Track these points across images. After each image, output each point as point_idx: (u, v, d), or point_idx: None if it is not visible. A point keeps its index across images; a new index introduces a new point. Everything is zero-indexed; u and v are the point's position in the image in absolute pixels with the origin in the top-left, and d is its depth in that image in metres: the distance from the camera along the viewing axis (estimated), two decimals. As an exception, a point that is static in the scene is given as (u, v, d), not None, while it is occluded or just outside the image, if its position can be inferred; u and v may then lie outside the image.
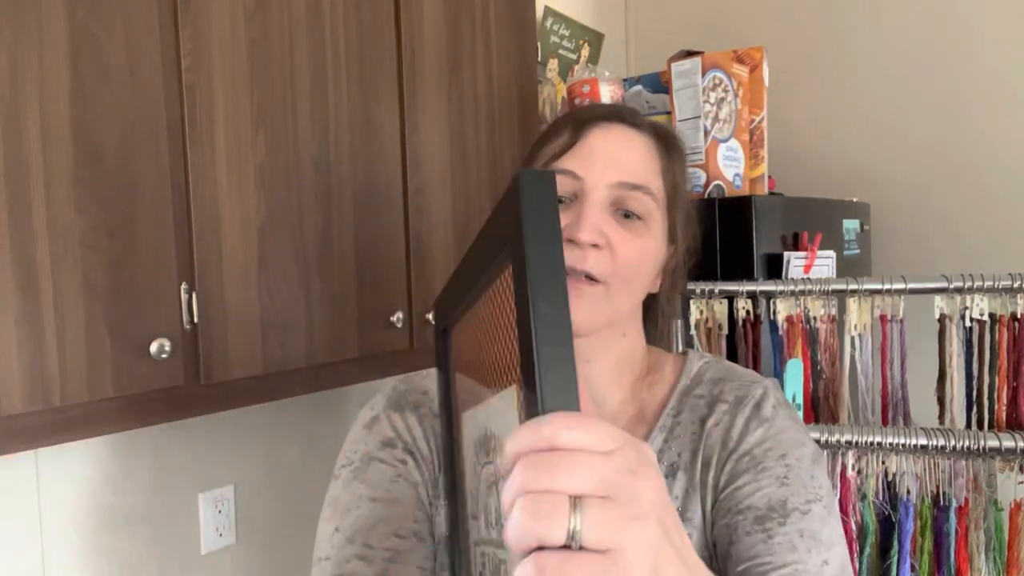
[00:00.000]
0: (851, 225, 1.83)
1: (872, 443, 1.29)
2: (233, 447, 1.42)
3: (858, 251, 1.85)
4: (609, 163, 0.79)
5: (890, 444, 1.28)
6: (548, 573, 0.37)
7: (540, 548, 0.38)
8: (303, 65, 1.12)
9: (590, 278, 0.76)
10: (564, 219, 0.77)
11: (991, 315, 1.30)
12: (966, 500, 1.27)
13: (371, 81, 1.23)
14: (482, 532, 0.60)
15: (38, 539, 1.17)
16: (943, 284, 1.31)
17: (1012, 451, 1.22)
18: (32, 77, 0.84)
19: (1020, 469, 1.24)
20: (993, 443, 1.23)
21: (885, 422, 1.39)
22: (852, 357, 1.38)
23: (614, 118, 0.83)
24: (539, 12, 1.94)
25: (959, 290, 1.30)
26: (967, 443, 1.24)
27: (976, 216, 1.91)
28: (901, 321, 1.38)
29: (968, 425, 1.33)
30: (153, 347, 0.93)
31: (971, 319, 1.31)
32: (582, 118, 0.83)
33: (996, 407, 1.30)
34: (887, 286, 1.33)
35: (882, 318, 1.38)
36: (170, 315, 0.96)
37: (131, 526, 1.28)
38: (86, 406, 0.89)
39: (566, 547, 0.38)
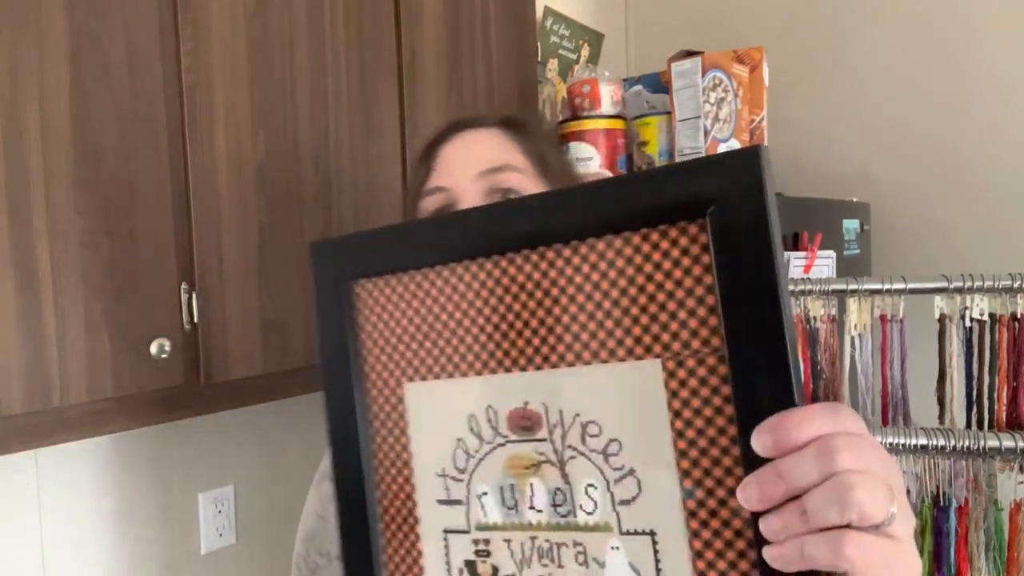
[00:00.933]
0: (851, 225, 1.82)
1: (872, 443, 1.28)
2: (233, 447, 1.42)
3: (858, 251, 1.85)
4: (465, 163, 0.82)
5: (890, 444, 1.28)
6: (865, 550, 0.40)
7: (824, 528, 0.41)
8: (303, 65, 1.12)
9: None
10: None
11: (991, 315, 1.30)
12: (966, 500, 1.27)
13: (371, 81, 1.23)
14: (488, 516, 0.55)
15: (38, 539, 1.17)
16: (943, 284, 1.31)
17: (1012, 451, 1.22)
18: (32, 77, 0.84)
19: (1020, 469, 1.24)
20: (993, 443, 1.23)
21: (885, 422, 1.39)
22: (852, 357, 1.38)
23: (458, 128, 0.86)
24: (539, 12, 1.93)
25: (959, 290, 1.30)
26: (967, 443, 1.24)
27: (976, 216, 1.91)
28: (901, 321, 1.38)
29: (968, 425, 1.32)
30: (153, 347, 0.93)
31: (971, 319, 1.31)
32: (431, 142, 0.86)
33: (996, 407, 1.30)
34: (887, 286, 1.33)
35: (882, 318, 1.38)
36: (170, 315, 0.96)
37: (131, 526, 1.28)
38: (86, 406, 0.89)
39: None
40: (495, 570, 0.54)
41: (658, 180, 0.48)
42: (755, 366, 0.44)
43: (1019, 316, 1.28)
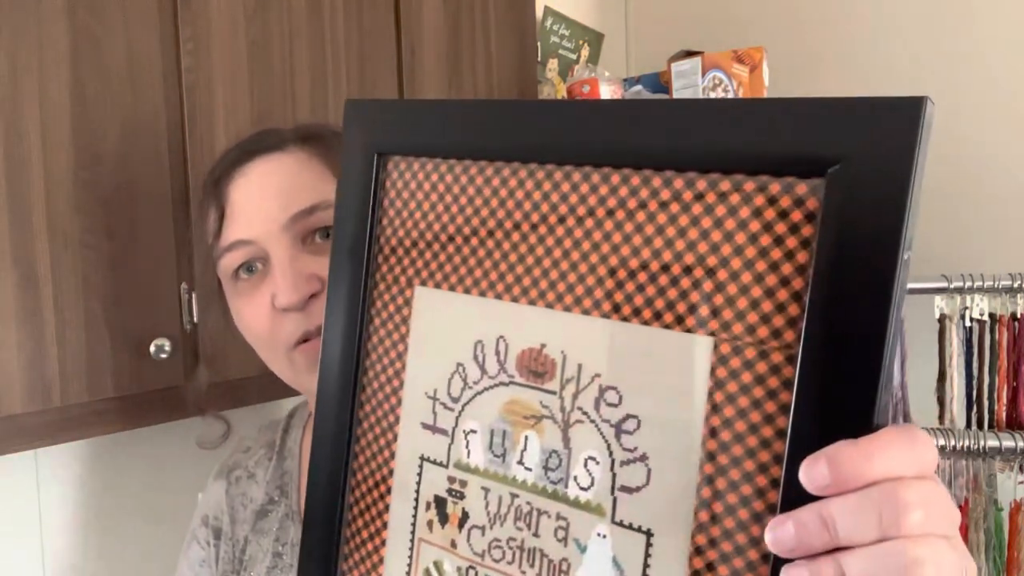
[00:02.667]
0: (851, 225, 1.82)
1: (872, 443, 1.28)
2: (233, 447, 1.42)
3: (858, 251, 1.85)
4: (268, 207, 0.70)
5: (890, 444, 1.28)
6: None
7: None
8: (303, 65, 1.12)
9: None
10: (267, 291, 0.70)
11: (991, 315, 1.30)
12: (966, 500, 1.27)
13: (371, 81, 1.23)
14: (472, 457, 0.49)
15: (38, 539, 1.17)
16: (943, 284, 1.31)
17: (1012, 451, 1.22)
18: (32, 77, 0.84)
19: (1020, 469, 1.24)
20: (993, 443, 1.23)
21: (885, 422, 1.39)
22: (852, 357, 1.38)
23: (250, 156, 0.73)
24: (539, 12, 1.94)
25: (959, 290, 1.30)
26: (967, 443, 1.24)
27: (976, 216, 1.91)
28: (901, 321, 1.38)
29: (968, 425, 1.32)
30: (153, 347, 0.93)
31: (971, 319, 1.31)
32: (217, 177, 0.74)
33: (996, 407, 1.30)
34: (887, 286, 1.33)
35: (882, 318, 1.38)
36: (170, 315, 0.96)
37: (131, 526, 1.28)
38: (86, 406, 0.89)
39: None
40: (465, 515, 0.49)
41: (771, 115, 0.38)
42: (835, 378, 0.36)
43: (1019, 316, 1.28)
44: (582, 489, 0.44)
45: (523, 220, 0.47)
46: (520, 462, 0.47)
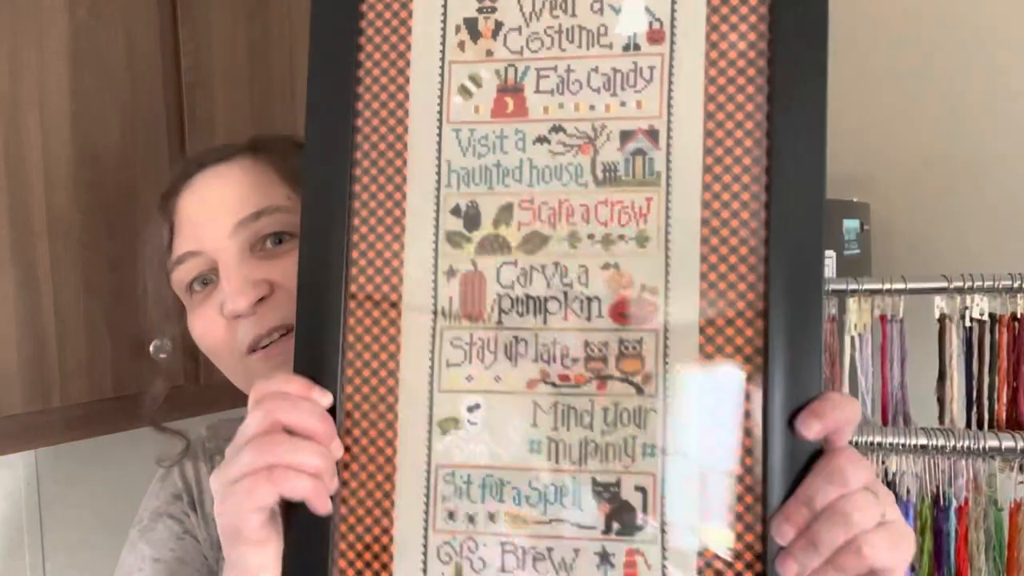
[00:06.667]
0: (851, 225, 1.82)
1: (872, 443, 1.28)
2: (233, 447, 1.42)
3: (858, 251, 1.85)
4: (214, 216, 0.69)
5: (890, 444, 1.28)
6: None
7: None
8: (303, 65, 1.12)
9: (285, 332, 0.67)
10: (217, 300, 0.69)
11: (991, 315, 1.30)
12: (966, 500, 1.27)
13: (371, 81, 1.23)
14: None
15: (38, 539, 1.17)
16: (943, 284, 1.31)
17: (1012, 451, 1.22)
18: (32, 77, 0.84)
19: (1020, 469, 1.24)
20: (993, 443, 1.23)
21: (885, 422, 1.39)
22: (852, 357, 1.38)
23: (197, 168, 0.73)
24: None
25: (959, 290, 1.30)
26: (967, 443, 1.24)
27: (976, 216, 1.91)
28: (901, 321, 1.38)
29: (968, 425, 1.32)
30: (152, 347, 0.93)
31: (971, 319, 1.31)
32: (165, 195, 0.73)
33: (996, 407, 1.30)
34: (887, 286, 1.33)
35: (882, 318, 1.38)
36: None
37: (131, 526, 1.28)
38: (86, 406, 0.89)
39: None
40: (498, 25, 0.51)
41: None
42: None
43: (1019, 316, 1.28)
44: None
45: None
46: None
